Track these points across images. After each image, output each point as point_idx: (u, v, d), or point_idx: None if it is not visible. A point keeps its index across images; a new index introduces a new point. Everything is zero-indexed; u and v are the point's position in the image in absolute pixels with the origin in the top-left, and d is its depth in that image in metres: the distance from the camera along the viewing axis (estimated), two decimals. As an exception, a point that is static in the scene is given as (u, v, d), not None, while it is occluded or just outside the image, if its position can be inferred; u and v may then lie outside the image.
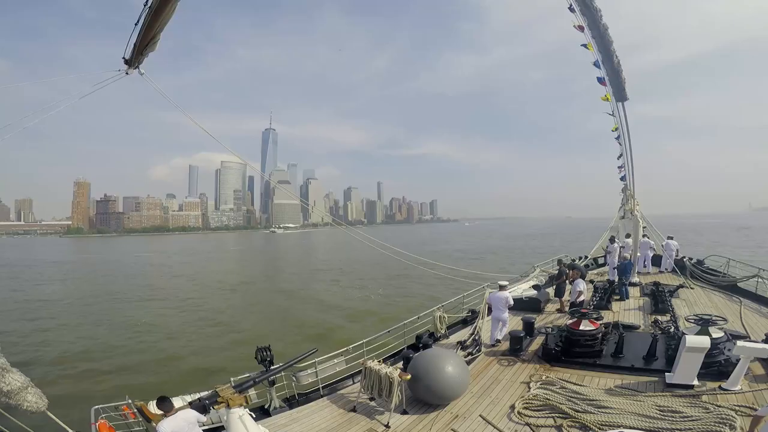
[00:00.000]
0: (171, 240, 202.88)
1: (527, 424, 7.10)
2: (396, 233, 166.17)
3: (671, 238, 19.59)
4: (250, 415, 6.46)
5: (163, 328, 25.57)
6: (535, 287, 15.48)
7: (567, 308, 13.40)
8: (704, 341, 7.67)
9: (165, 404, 5.91)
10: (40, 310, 31.97)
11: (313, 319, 26.66)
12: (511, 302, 11.61)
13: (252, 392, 8.02)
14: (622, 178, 17.39)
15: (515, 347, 10.45)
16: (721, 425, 6.28)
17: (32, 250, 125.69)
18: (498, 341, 11.42)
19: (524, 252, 68.96)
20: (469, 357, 10.18)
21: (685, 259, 18.84)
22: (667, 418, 6.74)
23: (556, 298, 14.79)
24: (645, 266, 19.51)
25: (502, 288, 11.67)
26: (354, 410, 8.26)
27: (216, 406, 6.15)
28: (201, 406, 6.12)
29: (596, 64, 14.47)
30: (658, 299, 13.54)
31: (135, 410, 6.78)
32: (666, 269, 18.92)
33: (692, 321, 9.19)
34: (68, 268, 67.49)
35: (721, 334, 8.76)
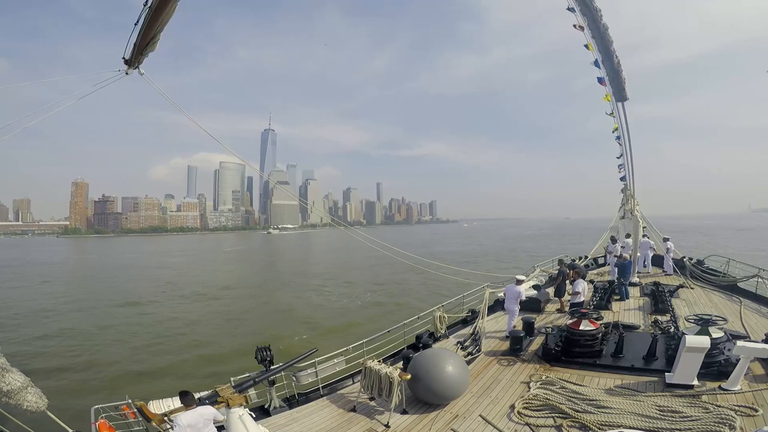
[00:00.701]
0: (167, 241, 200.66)
1: (527, 424, 7.09)
2: (395, 235, 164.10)
3: (667, 240, 19.53)
4: (250, 414, 6.46)
5: (106, 337, 24.35)
6: (535, 287, 15.50)
7: (567, 308, 13.41)
8: (704, 341, 7.66)
9: (186, 398, 5.93)
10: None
11: (271, 333, 24.05)
12: (523, 297, 12.02)
13: (252, 392, 8.03)
14: (622, 179, 17.41)
15: (515, 347, 10.45)
16: (720, 425, 6.28)
17: (22, 251, 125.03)
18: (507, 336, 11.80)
19: (518, 255, 67.25)
20: (469, 357, 10.18)
21: (685, 259, 18.84)
22: (666, 418, 6.74)
23: (556, 298, 14.79)
24: (645, 266, 19.50)
25: (518, 282, 12.08)
26: (354, 410, 8.25)
27: (216, 406, 6.15)
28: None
29: (596, 64, 14.50)
30: (658, 299, 13.53)
31: (135, 410, 6.76)
32: (666, 272, 18.88)
33: (692, 321, 9.18)
34: (44, 271, 65.43)
35: (721, 334, 8.75)
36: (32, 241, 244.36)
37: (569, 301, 13.59)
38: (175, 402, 6.88)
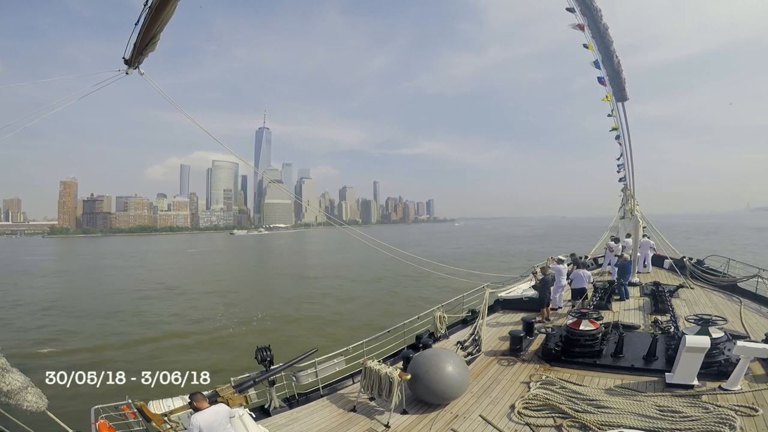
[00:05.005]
0: (151, 240, 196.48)
1: (527, 424, 7.10)
2: (383, 234, 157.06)
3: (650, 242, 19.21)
4: (250, 415, 6.46)
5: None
6: (535, 287, 15.47)
7: (551, 316, 13.43)
8: (704, 341, 7.67)
9: (196, 397, 5.81)
10: None
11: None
12: (564, 274, 13.98)
13: (252, 392, 8.01)
14: (622, 179, 17.42)
15: (515, 347, 10.44)
16: (720, 425, 6.28)
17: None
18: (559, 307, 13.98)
19: (499, 258, 62.22)
20: (469, 357, 10.18)
21: (685, 259, 18.86)
22: (666, 418, 6.75)
23: (555, 299, 14.74)
24: (645, 266, 19.48)
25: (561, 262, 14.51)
26: (354, 410, 8.25)
27: (215, 407, 6.13)
28: None
29: (596, 65, 14.51)
30: (658, 299, 13.53)
31: (135, 410, 6.74)
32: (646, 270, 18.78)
33: (692, 321, 9.19)
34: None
35: (721, 334, 8.76)
36: (16, 241, 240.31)
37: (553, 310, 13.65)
38: (176, 402, 6.86)
